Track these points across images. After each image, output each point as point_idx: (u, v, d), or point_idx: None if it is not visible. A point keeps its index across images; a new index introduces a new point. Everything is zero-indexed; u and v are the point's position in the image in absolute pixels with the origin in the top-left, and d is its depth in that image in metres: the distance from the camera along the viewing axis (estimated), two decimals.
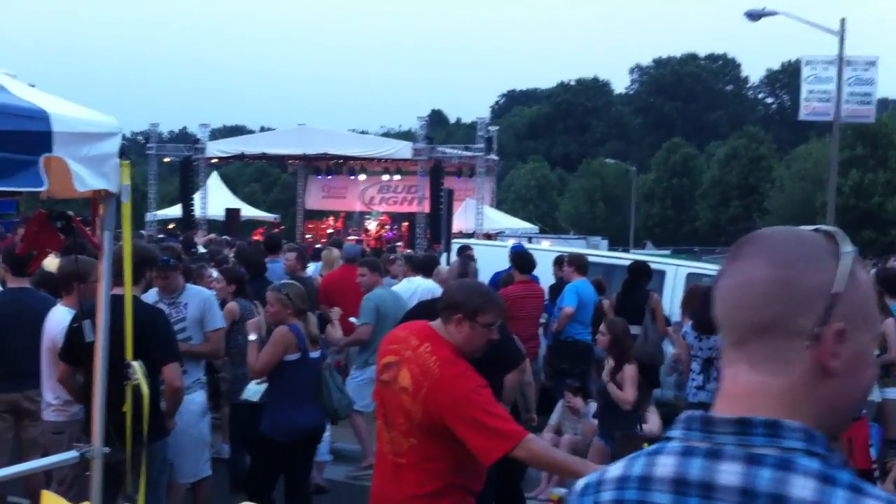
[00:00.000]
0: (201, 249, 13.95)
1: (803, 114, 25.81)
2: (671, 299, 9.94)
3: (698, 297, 7.80)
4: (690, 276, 10.14)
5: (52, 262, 5.71)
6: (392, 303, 7.60)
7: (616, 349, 6.70)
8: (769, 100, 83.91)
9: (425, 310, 5.53)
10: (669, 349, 8.88)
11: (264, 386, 5.66)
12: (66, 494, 4.28)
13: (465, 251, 10.86)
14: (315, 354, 5.52)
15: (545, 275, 9.55)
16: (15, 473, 3.59)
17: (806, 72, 25.34)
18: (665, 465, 1.16)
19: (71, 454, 3.60)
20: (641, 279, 9.34)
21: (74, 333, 4.43)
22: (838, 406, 1.17)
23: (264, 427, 5.41)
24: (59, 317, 4.98)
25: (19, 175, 2.92)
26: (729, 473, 1.10)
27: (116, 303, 3.60)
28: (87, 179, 3.16)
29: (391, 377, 3.39)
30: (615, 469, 1.23)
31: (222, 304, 6.71)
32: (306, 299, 5.61)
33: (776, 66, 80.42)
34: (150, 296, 5.67)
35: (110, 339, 3.59)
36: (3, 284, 6.17)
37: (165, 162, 33.23)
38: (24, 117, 2.96)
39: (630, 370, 6.58)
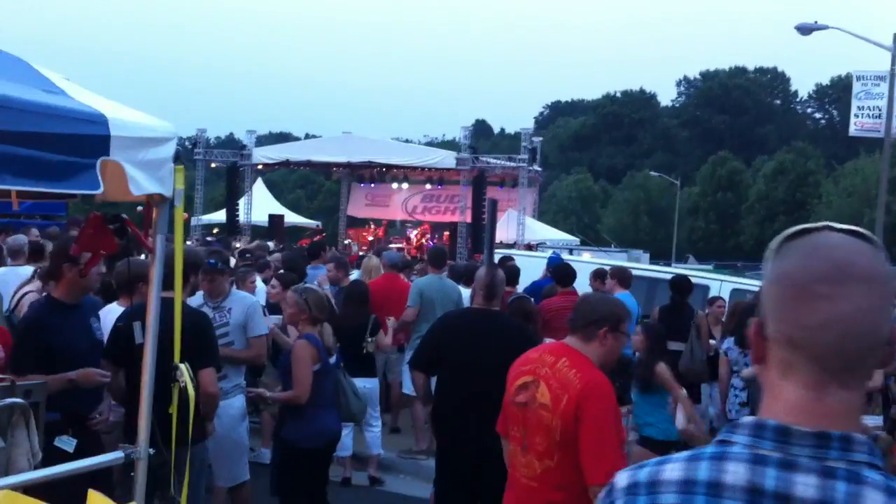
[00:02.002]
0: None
1: (853, 129, 25.36)
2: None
3: (739, 314, 7.70)
4: (735, 292, 9.98)
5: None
6: (439, 289, 7.77)
7: None
8: (818, 115, 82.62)
9: (466, 316, 5.56)
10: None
11: None
12: (111, 494, 4.32)
13: (506, 261, 10.82)
14: (332, 361, 5.58)
15: (583, 287, 9.46)
16: (62, 472, 3.64)
17: (856, 87, 24.90)
18: (736, 473, 1.15)
19: (116, 454, 3.61)
20: (685, 294, 9.24)
21: (119, 332, 4.50)
22: None
23: (287, 434, 5.40)
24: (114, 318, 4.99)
25: (77, 178, 2.94)
26: (805, 486, 1.11)
27: (164, 306, 3.63)
28: (142, 183, 3.19)
29: (528, 397, 3.39)
30: (671, 471, 1.20)
31: (276, 310, 6.74)
32: (324, 308, 5.61)
33: (825, 80, 79.31)
34: (196, 299, 5.73)
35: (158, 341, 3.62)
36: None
37: (212, 167, 33.61)
38: (83, 121, 2.99)
39: None
